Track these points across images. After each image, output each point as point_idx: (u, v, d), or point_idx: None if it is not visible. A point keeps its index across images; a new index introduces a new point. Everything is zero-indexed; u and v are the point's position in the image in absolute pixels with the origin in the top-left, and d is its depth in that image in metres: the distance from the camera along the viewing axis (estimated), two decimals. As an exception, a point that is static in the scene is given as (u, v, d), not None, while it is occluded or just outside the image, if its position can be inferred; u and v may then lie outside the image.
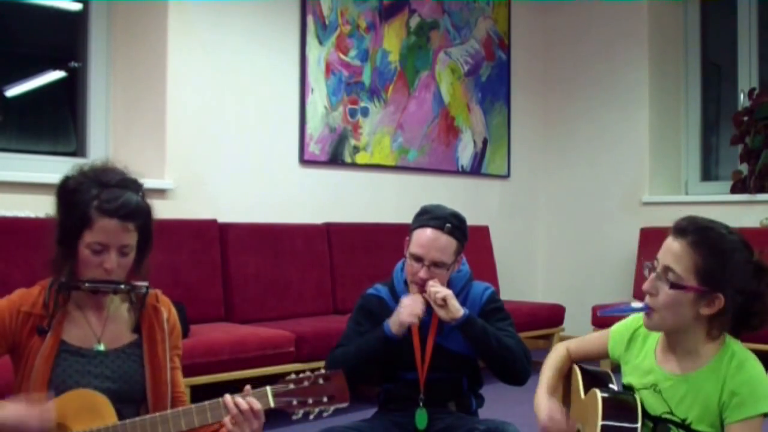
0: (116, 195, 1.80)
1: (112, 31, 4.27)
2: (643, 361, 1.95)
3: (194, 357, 3.30)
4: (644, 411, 1.88)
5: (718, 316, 1.78)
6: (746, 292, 1.78)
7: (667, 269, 1.78)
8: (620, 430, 1.84)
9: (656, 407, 1.88)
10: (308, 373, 1.80)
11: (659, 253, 1.83)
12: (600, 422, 1.85)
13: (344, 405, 1.79)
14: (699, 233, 1.79)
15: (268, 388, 1.78)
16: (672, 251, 1.79)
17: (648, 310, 1.83)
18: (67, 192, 1.85)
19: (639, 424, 1.83)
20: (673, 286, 1.77)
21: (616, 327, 2.07)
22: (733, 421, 1.74)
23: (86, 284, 1.80)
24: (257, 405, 1.75)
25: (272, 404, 1.77)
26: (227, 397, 1.76)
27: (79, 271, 1.82)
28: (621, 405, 1.89)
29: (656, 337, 1.95)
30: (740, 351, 1.81)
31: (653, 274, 1.82)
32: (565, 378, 2.18)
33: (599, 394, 1.91)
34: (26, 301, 1.85)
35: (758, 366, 1.79)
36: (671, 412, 1.85)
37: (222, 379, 3.46)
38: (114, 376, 1.86)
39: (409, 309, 2.26)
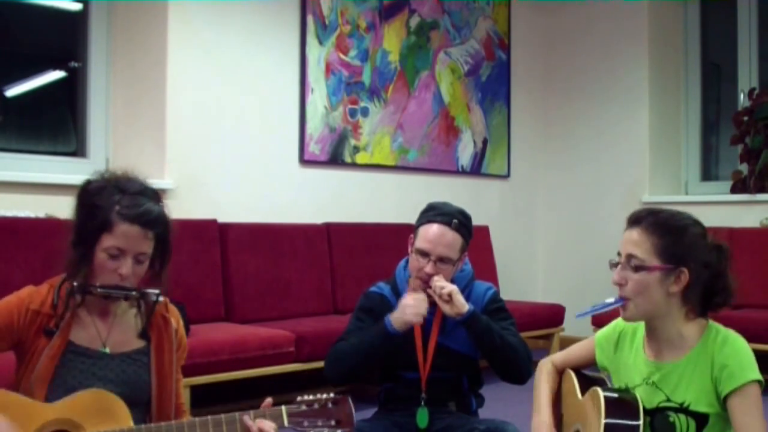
0: (139, 202, 1.83)
1: (112, 31, 4.27)
2: (635, 359, 1.98)
3: (194, 357, 3.29)
4: (642, 407, 1.89)
5: (689, 291, 1.85)
6: (710, 266, 1.85)
7: (629, 257, 1.87)
8: (623, 428, 1.85)
9: (653, 399, 1.90)
10: (319, 396, 1.87)
11: (620, 247, 1.91)
12: (603, 420, 1.85)
13: (349, 430, 1.87)
14: (651, 217, 1.89)
15: (284, 408, 1.84)
16: (631, 239, 1.88)
17: (622, 302, 1.89)
18: (88, 194, 1.86)
19: (641, 421, 1.85)
20: (638, 269, 1.85)
21: (601, 333, 2.10)
22: (728, 393, 1.79)
23: (99, 289, 1.81)
24: (272, 430, 1.80)
25: (286, 424, 1.83)
26: (248, 421, 1.79)
27: (94, 274, 1.83)
28: (622, 402, 1.91)
29: (641, 334, 1.99)
30: (723, 329, 1.89)
31: (619, 266, 1.89)
32: (557, 387, 2.20)
33: (601, 393, 1.92)
34: (35, 300, 1.85)
35: (742, 340, 1.86)
36: (669, 399, 1.88)
37: (222, 379, 3.46)
38: (118, 380, 1.86)
39: (414, 309, 2.26)
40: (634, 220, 1.90)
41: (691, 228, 1.88)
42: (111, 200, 1.81)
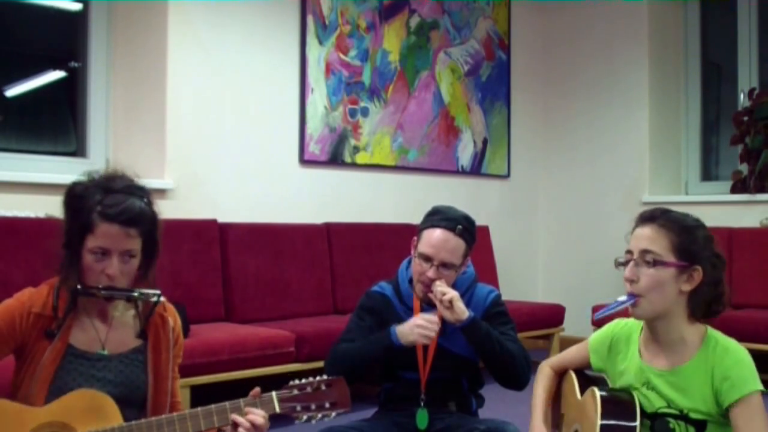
0: (119, 200, 1.81)
1: (112, 31, 4.27)
2: (630, 364, 1.97)
3: (194, 357, 3.30)
4: (641, 410, 1.89)
5: (697, 292, 1.85)
6: (718, 268, 1.87)
7: (644, 252, 1.86)
8: (619, 429, 1.84)
9: (653, 404, 1.90)
10: (311, 379, 1.84)
11: (630, 245, 1.91)
12: (599, 421, 1.85)
13: (346, 411, 1.84)
14: (664, 216, 1.90)
15: (274, 394, 1.82)
16: (645, 236, 1.88)
17: (633, 299, 1.87)
18: (73, 197, 1.86)
19: (638, 423, 1.84)
20: (656, 263, 1.84)
21: (594, 337, 2.10)
22: (731, 404, 1.79)
23: (102, 291, 1.81)
24: (261, 419, 1.78)
25: (278, 410, 1.81)
26: (237, 418, 1.78)
27: (84, 276, 1.83)
28: (619, 403, 1.90)
29: (636, 339, 1.98)
30: (723, 338, 1.89)
31: (632, 262, 1.88)
32: (556, 388, 2.20)
33: (598, 393, 1.92)
34: (36, 302, 1.85)
35: (742, 349, 1.86)
36: (669, 406, 1.88)
37: (222, 379, 3.46)
38: (116, 381, 1.87)
39: (424, 331, 2.24)
40: (647, 218, 1.91)
41: (701, 230, 1.90)
42: (93, 200, 1.80)
